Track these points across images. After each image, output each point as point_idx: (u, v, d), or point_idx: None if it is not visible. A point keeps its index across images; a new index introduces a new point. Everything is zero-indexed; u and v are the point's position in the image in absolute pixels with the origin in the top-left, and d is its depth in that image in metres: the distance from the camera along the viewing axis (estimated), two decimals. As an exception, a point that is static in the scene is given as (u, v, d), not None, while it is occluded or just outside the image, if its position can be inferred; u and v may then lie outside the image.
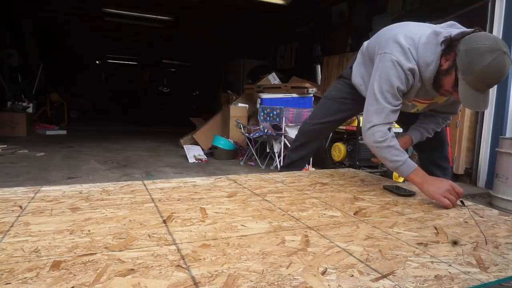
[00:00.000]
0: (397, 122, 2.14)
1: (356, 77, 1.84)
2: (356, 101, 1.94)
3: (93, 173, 3.63)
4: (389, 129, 1.53)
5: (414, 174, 1.47)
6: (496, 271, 0.84)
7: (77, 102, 11.17)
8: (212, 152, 4.88)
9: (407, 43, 1.44)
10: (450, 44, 1.34)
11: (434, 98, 1.60)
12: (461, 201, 1.37)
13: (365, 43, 1.80)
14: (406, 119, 1.92)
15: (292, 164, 2.26)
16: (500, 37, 3.51)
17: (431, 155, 1.94)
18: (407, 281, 0.77)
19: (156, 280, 0.73)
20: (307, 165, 3.97)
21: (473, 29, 1.34)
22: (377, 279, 0.77)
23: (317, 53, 6.75)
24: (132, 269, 0.77)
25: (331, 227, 1.10)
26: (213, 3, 6.99)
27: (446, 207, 1.34)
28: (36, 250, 0.86)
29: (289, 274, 0.78)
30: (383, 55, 1.49)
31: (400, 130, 2.05)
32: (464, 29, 1.39)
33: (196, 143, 5.20)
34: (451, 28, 1.42)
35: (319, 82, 5.92)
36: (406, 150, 1.65)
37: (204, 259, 0.84)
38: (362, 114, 3.43)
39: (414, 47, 1.43)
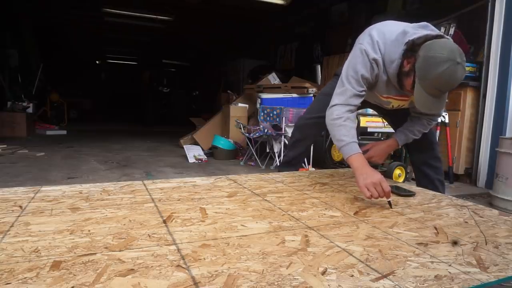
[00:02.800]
0: (388, 123, 2.16)
1: None
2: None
3: (93, 173, 3.63)
4: (349, 111, 1.59)
5: (353, 159, 1.50)
6: (496, 271, 0.84)
7: (77, 102, 11.17)
8: (212, 152, 4.88)
9: (378, 36, 1.53)
10: (411, 48, 1.42)
11: (408, 96, 1.64)
12: (389, 202, 1.36)
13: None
14: (395, 120, 1.97)
15: (290, 162, 2.28)
16: (500, 37, 3.52)
17: (421, 155, 1.96)
18: (407, 281, 0.77)
19: (156, 280, 0.73)
20: (307, 165, 3.98)
21: (436, 34, 1.41)
22: (377, 279, 0.77)
23: (317, 53, 6.75)
24: (132, 269, 0.77)
25: (331, 227, 1.10)
26: (213, 3, 6.98)
27: (366, 198, 1.38)
28: (36, 250, 0.86)
29: (289, 274, 0.78)
30: (356, 45, 1.60)
31: (392, 130, 2.09)
32: (430, 32, 1.45)
33: (196, 143, 5.20)
34: (421, 30, 1.47)
35: (319, 82, 5.92)
36: (397, 151, 1.68)
37: (204, 259, 0.84)
38: (361, 114, 3.41)
39: (383, 41, 1.52)
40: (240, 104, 5.34)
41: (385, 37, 1.52)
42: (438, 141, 3.85)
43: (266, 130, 4.14)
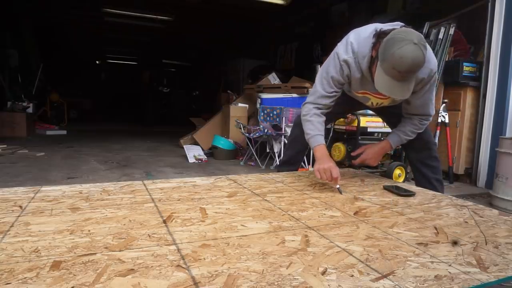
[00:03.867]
0: (386, 123, 2.18)
1: None
2: (349, 97, 2.00)
3: (93, 173, 3.62)
4: (317, 109, 1.75)
5: (316, 149, 1.71)
6: (496, 271, 0.84)
7: (77, 102, 11.16)
8: (212, 152, 4.88)
9: (353, 38, 1.63)
10: (379, 36, 1.51)
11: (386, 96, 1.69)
12: (338, 189, 1.57)
13: None
14: (392, 120, 2.01)
15: (289, 161, 2.28)
16: (500, 37, 3.51)
17: (418, 155, 1.98)
18: (407, 281, 0.77)
19: (156, 280, 0.73)
20: (307, 165, 3.97)
21: (406, 27, 1.49)
22: (377, 279, 0.77)
23: (317, 53, 6.74)
24: (132, 269, 0.77)
25: (331, 227, 1.10)
26: (213, 2, 6.98)
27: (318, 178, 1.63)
28: (36, 250, 0.86)
29: (289, 274, 0.78)
30: (334, 49, 1.72)
31: (389, 130, 2.11)
32: (400, 26, 1.53)
33: (196, 143, 5.19)
34: (393, 25, 1.55)
35: (319, 82, 5.91)
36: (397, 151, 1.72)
37: (204, 259, 0.84)
38: (361, 114, 3.41)
39: (357, 41, 1.60)
40: (240, 104, 5.33)
41: (359, 37, 1.60)
42: (438, 141, 3.85)
43: (266, 130, 4.14)
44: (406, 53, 1.34)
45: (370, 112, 3.46)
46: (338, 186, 1.58)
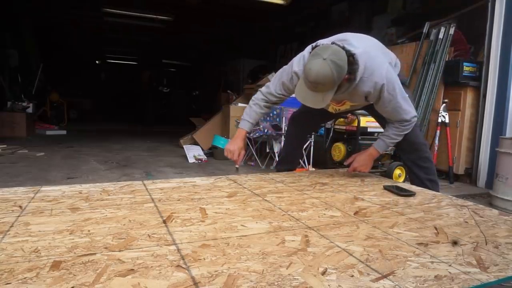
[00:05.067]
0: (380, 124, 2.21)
1: None
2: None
3: (93, 173, 3.62)
4: (263, 100, 1.95)
5: (237, 131, 1.99)
6: (496, 271, 0.84)
7: (77, 102, 11.16)
8: (212, 152, 4.88)
9: (307, 51, 1.77)
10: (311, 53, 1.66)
11: (339, 101, 1.89)
12: (236, 168, 1.98)
13: None
14: (380, 121, 2.11)
15: (286, 158, 2.31)
16: (500, 37, 3.51)
17: (409, 156, 2.02)
18: (407, 281, 0.77)
19: (156, 280, 0.73)
20: (307, 165, 3.97)
21: (341, 44, 1.63)
22: (377, 279, 0.77)
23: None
24: (132, 269, 0.77)
25: (331, 227, 1.10)
26: (213, 2, 6.98)
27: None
28: (36, 250, 0.86)
29: (289, 274, 0.78)
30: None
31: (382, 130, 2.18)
32: (340, 42, 1.66)
33: (196, 143, 5.19)
34: (328, 40, 1.75)
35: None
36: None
37: (204, 259, 0.84)
38: (361, 115, 3.40)
39: (309, 55, 1.70)
40: (240, 104, 5.33)
41: (312, 50, 1.69)
42: (438, 141, 3.85)
43: (266, 130, 4.14)
44: (312, 66, 1.53)
45: (370, 112, 3.46)
46: (237, 166, 1.94)
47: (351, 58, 1.58)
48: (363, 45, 1.71)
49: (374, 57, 1.71)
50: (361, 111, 3.56)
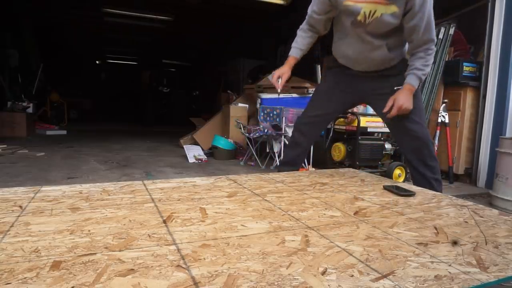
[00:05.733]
0: (385, 123, 2.20)
1: None
2: (344, 92, 2.07)
3: (93, 173, 3.62)
4: (306, 24, 2.09)
5: (288, 59, 2.10)
6: (496, 271, 0.84)
7: (77, 102, 11.16)
8: (212, 152, 4.88)
9: None
10: None
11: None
12: (278, 93, 2.12)
13: None
14: (391, 124, 2.05)
15: (289, 162, 2.28)
16: (500, 37, 3.51)
17: (416, 155, 1.96)
18: (407, 281, 0.77)
19: (156, 280, 0.73)
20: (307, 165, 3.98)
21: None
22: (377, 279, 0.77)
23: (317, 53, 6.74)
24: (132, 269, 0.77)
25: (331, 227, 1.10)
26: (213, 2, 6.98)
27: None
28: (36, 250, 0.86)
29: (289, 274, 0.78)
30: None
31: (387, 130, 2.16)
32: None
33: (196, 143, 5.19)
34: None
35: (319, 82, 5.92)
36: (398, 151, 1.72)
37: (204, 259, 0.84)
38: (361, 114, 3.40)
39: None
40: (240, 104, 5.33)
41: None
42: (438, 141, 3.86)
43: (266, 130, 4.14)
44: None
45: (370, 112, 3.46)
46: (279, 90, 2.01)
47: None
48: None
49: None
50: (361, 111, 3.58)
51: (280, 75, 2.02)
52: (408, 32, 1.81)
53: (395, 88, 1.91)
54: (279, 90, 2.02)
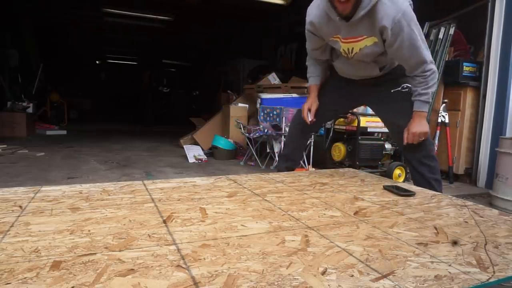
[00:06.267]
0: (383, 122, 2.25)
1: None
2: (347, 93, 2.12)
3: (93, 173, 3.62)
4: (311, 59, 2.20)
5: (309, 88, 2.18)
6: (496, 271, 0.84)
7: (77, 102, 11.16)
8: (212, 152, 4.88)
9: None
10: None
11: (355, 37, 1.78)
12: (310, 121, 2.14)
13: None
14: (386, 117, 2.14)
15: (287, 156, 2.32)
16: (500, 37, 3.51)
17: (415, 155, 1.96)
18: (407, 281, 0.77)
19: (156, 280, 0.73)
20: (307, 165, 3.98)
21: None
22: (377, 279, 0.77)
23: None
24: (132, 269, 0.77)
25: (331, 227, 1.10)
26: (213, 2, 6.98)
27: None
28: (36, 250, 0.86)
29: (289, 274, 0.78)
30: None
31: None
32: None
33: (196, 143, 5.19)
34: None
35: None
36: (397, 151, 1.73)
37: (204, 259, 0.84)
38: (361, 114, 3.40)
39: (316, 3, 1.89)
40: (240, 104, 5.33)
41: None
42: (438, 141, 3.86)
43: (266, 130, 4.14)
44: None
45: (370, 112, 3.46)
46: (309, 122, 2.09)
47: None
48: None
49: None
50: (361, 111, 3.57)
51: (309, 107, 2.09)
52: (394, 58, 1.85)
53: (391, 91, 1.96)
54: (309, 122, 2.11)
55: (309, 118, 2.08)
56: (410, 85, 1.91)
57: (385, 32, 1.68)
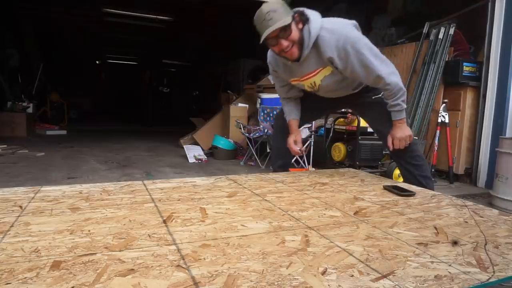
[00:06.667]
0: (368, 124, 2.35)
1: None
2: (309, 101, 2.17)
3: (93, 173, 3.63)
4: (282, 99, 2.23)
5: (290, 125, 2.16)
6: (496, 271, 0.84)
7: (77, 102, 11.16)
8: (212, 152, 4.88)
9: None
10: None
11: (309, 73, 1.86)
12: (300, 149, 2.16)
13: None
14: (369, 120, 2.24)
15: (279, 152, 2.33)
16: (500, 37, 3.51)
17: (402, 156, 1.99)
18: (407, 281, 0.77)
19: (156, 280, 0.73)
20: (307, 165, 3.98)
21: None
22: (377, 279, 0.77)
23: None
24: (132, 269, 0.77)
25: (331, 227, 1.10)
26: (213, 3, 6.98)
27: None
28: (36, 250, 0.86)
29: (289, 274, 0.78)
30: None
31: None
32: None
33: (196, 143, 5.19)
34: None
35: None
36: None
37: (204, 259, 0.84)
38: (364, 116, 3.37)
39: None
40: (240, 104, 5.33)
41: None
42: (438, 141, 3.86)
43: (266, 130, 4.14)
44: (260, 9, 1.78)
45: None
46: (298, 152, 2.13)
47: (298, 12, 1.72)
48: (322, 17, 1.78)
49: (335, 20, 1.76)
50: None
51: (295, 140, 2.11)
52: (354, 79, 1.88)
53: (373, 97, 1.99)
54: (298, 152, 2.14)
55: (297, 148, 2.11)
56: None
57: (334, 61, 1.74)
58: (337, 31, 1.70)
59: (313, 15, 1.73)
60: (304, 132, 4.02)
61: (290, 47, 1.72)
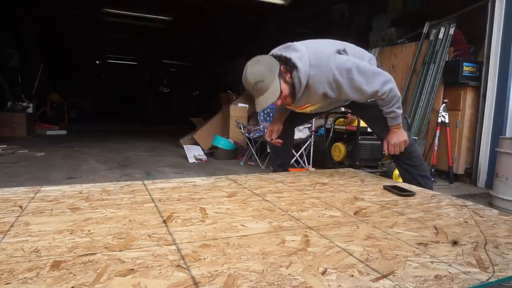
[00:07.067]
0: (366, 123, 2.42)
1: None
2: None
3: (93, 173, 3.62)
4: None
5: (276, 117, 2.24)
6: (496, 271, 0.84)
7: (77, 102, 11.16)
8: (212, 152, 4.88)
9: None
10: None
11: (304, 105, 1.92)
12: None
13: None
14: (366, 119, 2.31)
15: (277, 154, 2.36)
16: (500, 37, 3.51)
17: (399, 156, 1.99)
18: (407, 281, 0.77)
19: (156, 280, 0.73)
20: (307, 165, 3.98)
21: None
22: (377, 279, 0.77)
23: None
24: (132, 269, 0.77)
25: (331, 227, 1.10)
26: (213, 3, 6.98)
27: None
28: (36, 250, 0.86)
29: (289, 274, 0.78)
30: None
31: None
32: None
33: (196, 143, 5.19)
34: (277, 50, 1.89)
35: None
36: None
37: (204, 259, 0.84)
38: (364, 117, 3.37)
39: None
40: (240, 104, 5.33)
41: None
42: (438, 141, 3.85)
43: (266, 130, 4.14)
44: (244, 75, 1.76)
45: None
46: (273, 138, 2.15)
47: (280, 58, 1.74)
48: (307, 45, 1.79)
49: (318, 51, 1.75)
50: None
51: (272, 129, 2.17)
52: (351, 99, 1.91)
53: (368, 100, 1.96)
54: (272, 141, 2.18)
55: (270, 138, 2.15)
56: None
57: (327, 94, 1.77)
58: (324, 66, 1.71)
59: (299, 59, 1.71)
60: (304, 132, 4.02)
61: (283, 100, 1.79)
